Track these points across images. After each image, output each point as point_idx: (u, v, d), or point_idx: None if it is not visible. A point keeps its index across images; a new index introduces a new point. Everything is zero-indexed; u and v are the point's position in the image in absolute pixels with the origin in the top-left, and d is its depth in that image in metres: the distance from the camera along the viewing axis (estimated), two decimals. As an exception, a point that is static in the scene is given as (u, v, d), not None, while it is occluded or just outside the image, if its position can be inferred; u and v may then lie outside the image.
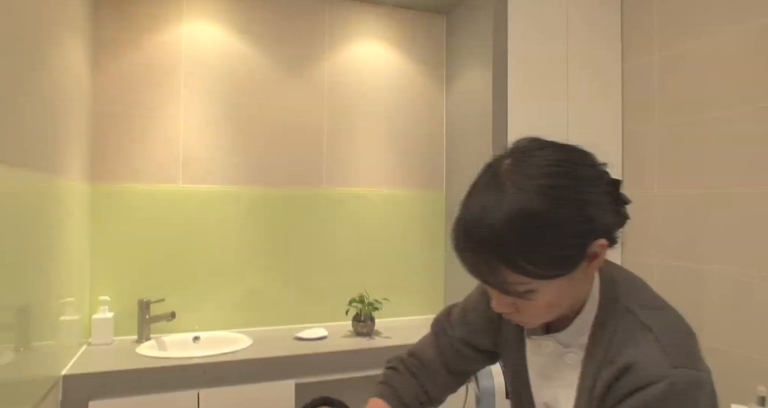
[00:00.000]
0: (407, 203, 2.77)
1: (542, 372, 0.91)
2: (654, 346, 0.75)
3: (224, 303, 2.42)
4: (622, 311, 0.81)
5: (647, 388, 0.73)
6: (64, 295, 1.80)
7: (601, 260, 0.76)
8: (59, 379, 1.72)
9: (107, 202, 2.24)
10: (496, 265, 0.72)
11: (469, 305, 1.06)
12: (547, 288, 0.74)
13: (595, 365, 0.81)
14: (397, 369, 1.07)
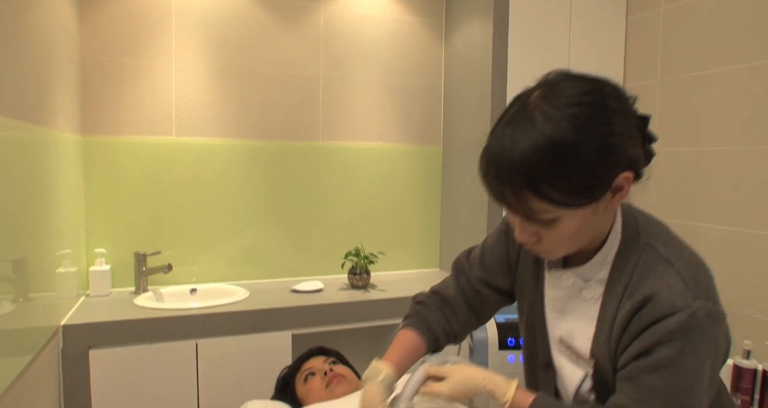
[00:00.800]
0: (404, 158, 2.75)
1: (559, 307, 0.94)
2: (675, 277, 0.78)
3: (221, 256, 2.43)
4: (643, 246, 0.84)
5: (668, 318, 0.76)
6: (60, 247, 1.80)
7: (626, 194, 0.77)
8: (59, 329, 1.74)
9: (100, 154, 2.21)
10: (522, 192, 0.73)
11: (487, 247, 1.09)
12: (571, 217, 0.75)
13: (616, 298, 0.83)
14: (425, 304, 1.12)
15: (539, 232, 0.79)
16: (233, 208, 2.44)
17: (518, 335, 1.67)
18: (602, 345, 0.85)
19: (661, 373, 0.77)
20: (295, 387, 1.59)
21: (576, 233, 0.78)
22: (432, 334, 1.08)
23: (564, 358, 0.92)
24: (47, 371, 1.62)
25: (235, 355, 1.98)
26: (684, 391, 0.76)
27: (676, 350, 0.75)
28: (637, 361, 0.79)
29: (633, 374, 0.79)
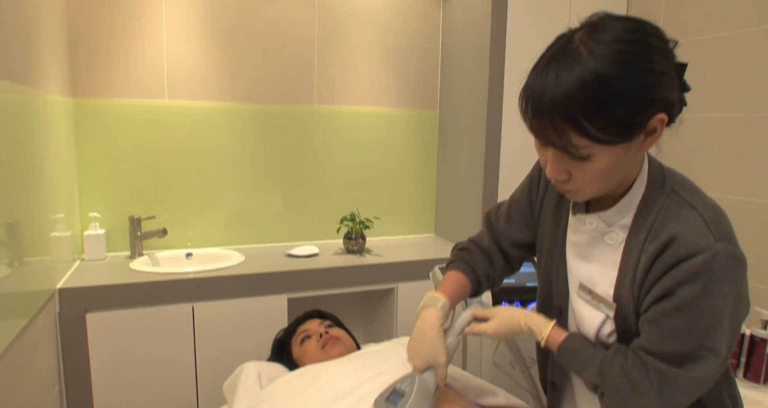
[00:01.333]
0: (400, 123, 2.72)
1: (580, 252, 0.96)
2: (699, 221, 0.81)
3: (216, 221, 2.43)
4: (668, 192, 0.86)
5: (691, 259, 0.78)
6: (54, 211, 1.79)
7: (658, 137, 0.80)
8: (55, 293, 1.75)
9: (91, 117, 2.17)
10: (563, 127, 0.75)
11: (513, 202, 1.16)
12: (605, 155, 0.78)
13: (640, 242, 0.86)
14: (468, 249, 1.18)
15: (571, 169, 0.81)
16: (228, 173, 2.42)
17: (512, 298, 1.69)
18: (625, 289, 0.87)
19: (683, 314, 0.79)
20: (291, 349, 1.62)
21: (607, 172, 0.80)
22: (476, 277, 1.14)
23: (583, 302, 0.95)
24: (45, 334, 1.63)
25: (232, 319, 2.00)
26: (704, 331, 0.79)
27: (698, 290, 0.78)
28: (660, 303, 0.82)
29: (655, 317, 0.82)
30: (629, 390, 0.84)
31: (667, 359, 0.81)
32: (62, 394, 1.79)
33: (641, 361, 0.84)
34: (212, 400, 1.97)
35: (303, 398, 1.19)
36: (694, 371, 0.80)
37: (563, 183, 0.85)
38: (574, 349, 0.93)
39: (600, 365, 0.88)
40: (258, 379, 1.44)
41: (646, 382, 0.82)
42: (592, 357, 0.90)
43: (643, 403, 0.83)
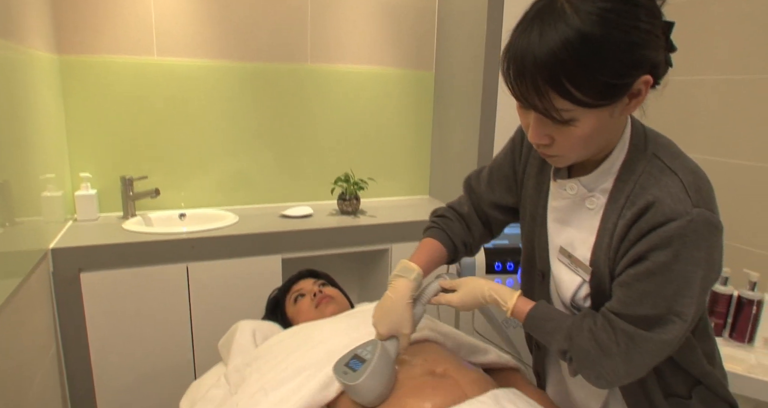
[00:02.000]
0: (395, 82, 2.67)
1: (561, 217, 0.97)
2: (678, 186, 0.80)
3: (209, 181, 2.41)
4: (649, 157, 0.86)
5: (666, 225, 0.78)
6: (43, 171, 1.76)
7: (642, 99, 0.78)
8: (48, 252, 1.74)
9: (78, 74, 2.11)
10: (545, 89, 0.73)
11: (494, 166, 1.15)
12: (588, 118, 0.76)
13: (618, 207, 0.86)
14: (445, 216, 1.18)
15: (553, 133, 0.80)
16: (221, 132, 2.38)
17: (505, 260, 1.71)
18: (602, 254, 0.88)
19: (654, 278, 0.80)
20: (285, 308, 1.63)
21: (589, 136, 0.79)
22: (452, 244, 1.15)
23: (563, 266, 0.96)
24: (39, 293, 1.64)
25: (226, 279, 2.01)
26: (673, 296, 0.80)
27: (670, 256, 0.78)
28: (633, 267, 0.82)
29: (627, 280, 0.83)
30: (597, 352, 0.85)
31: (635, 322, 0.82)
32: (59, 353, 1.81)
33: (610, 323, 0.85)
34: (208, 357, 2.00)
35: (297, 355, 1.20)
36: (661, 334, 0.81)
37: (545, 147, 0.84)
38: (542, 317, 0.94)
39: (569, 330, 0.89)
40: (253, 337, 1.46)
41: (614, 344, 0.84)
42: (561, 323, 0.91)
43: (610, 365, 0.85)
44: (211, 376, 1.44)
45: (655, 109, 0.89)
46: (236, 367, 1.31)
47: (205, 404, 1.26)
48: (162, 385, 1.98)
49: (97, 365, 1.87)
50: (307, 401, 1.06)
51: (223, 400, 1.22)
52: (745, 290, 1.56)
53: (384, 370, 1.01)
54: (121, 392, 1.93)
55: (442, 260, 1.14)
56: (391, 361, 1.03)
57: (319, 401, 1.08)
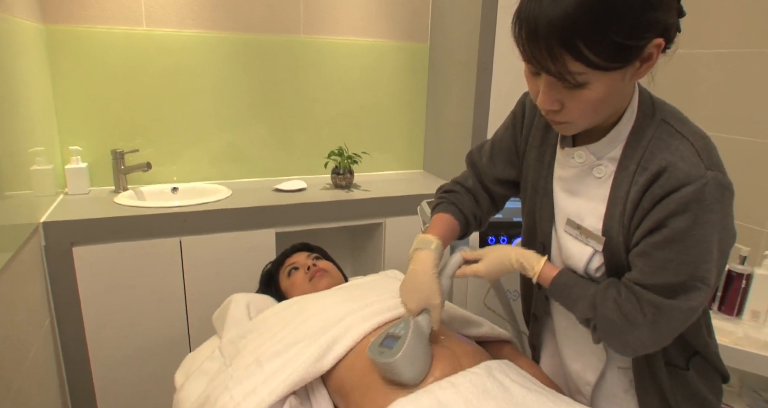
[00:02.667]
0: (389, 55, 2.63)
1: (568, 187, 0.95)
2: (689, 149, 0.80)
3: (201, 155, 2.39)
4: (658, 123, 0.85)
5: (682, 189, 0.78)
6: (32, 144, 1.73)
7: (653, 63, 0.77)
8: (39, 226, 1.73)
9: (65, 44, 2.06)
10: (559, 51, 0.72)
11: (496, 140, 1.13)
12: (600, 81, 0.75)
13: (629, 174, 0.85)
14: (454, 190, 1.16)
15: (564, 98, 0.79)
16: (213, 105, 2.35)
17: (499, 234, 1.71)
18: (614, 223, 0.87)
19: (674, 245, 0.80)
20: (279, 281, 1.64)
21: (601, 100, 0.78)
22: (464, 217, 1.13)
23: (571, 238, 0.95)
24: (32, 267, 1.63)
25: (220, 253, 2.01)
26: (695, 261, 0.80)
27: (689, 221, 0.78)
28: (651, 236, 0.82)
29: (646, 250, 0.83)
30: (623, 322, 0.85)
31: (659, 291, 0.82)
32: (54, 326, 1.81)
33: (634, 294, 0.85)
34: (203, 330, 2.01)
35: (291, 328, 1.21)
36: (687, 301, 0.81)
37: (554, 114, 0.82)
38: (566, 284, 0.93)
39: (593, 299, 0.89)
40: (247, 309, 1.46)
41: (639, 314, 0.84)
42: (585, 291, 0.91)
43: (635, 334, 0.85)
44: (206, 349, 1.45)
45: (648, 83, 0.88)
46: (231, 339, 1.32)
47: (199, 376, 1.27)
48: (157, 358, 2.00)
49: (91, 338, 1.88)
50: (301, 373, 1.07)
51: (218, 372, 1.22)
52: (735, 264, 1.57)
53: (418, 344, 0.97)
54: (116, 365, 1.94)
55: (455, 234, 1.12)
56: (425, 336, 1.00)
57: (314, 373, 1.09)
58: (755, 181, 1.83)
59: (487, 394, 0.93)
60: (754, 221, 1.84)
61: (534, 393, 0.96)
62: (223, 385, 1.12)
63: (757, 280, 1.55)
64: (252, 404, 1.04)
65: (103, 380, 1.94)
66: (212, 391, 1.12)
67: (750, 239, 1.81)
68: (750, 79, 1.86)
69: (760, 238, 1.82)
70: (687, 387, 0.97)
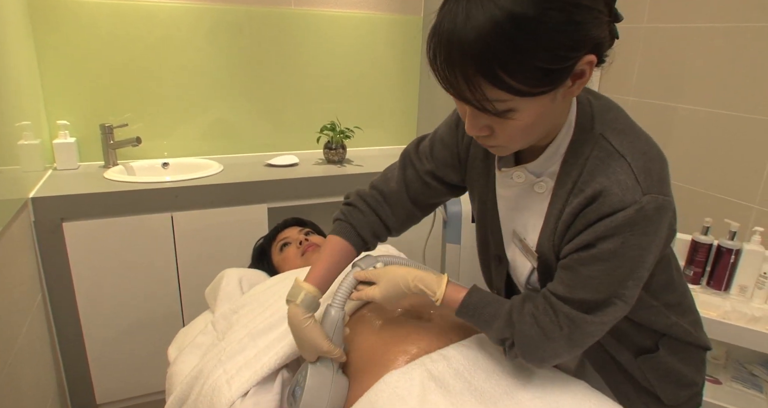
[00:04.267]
0: (382, 27, 2.59)
1: (512, 205, 0.92)
2: (627, 172, 0.75)
3: (192, 130, 2.36)
4: (596, 138, 0.80)
5: (615, 214, 0.75)
6: (18, 118, 1.70)
7: (587, 80, 0.71)
8: (28, 201, 1.71)
9: (49, 15, 2.01)
10: (476, 79, 0.65)
11: (436, 139, 1.03)
12: (528, 107, 0.69)
13: (565, 193, 0.82)
14: (354, 205, 1.07)
15: (492, 124, 0.73)
16: (203, 79, 2.31)
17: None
18: (547, 238, 0.86)
19: (600, 264, 0.78)
20: (271, 256, 1.64)
21: (532, 125, 0.72)
22: (359, 238, 1.05)
23: (517, 250, 0.94)
24: (21, 243, 1.62)
25: (212, 228, 2.00)
26: (618, 281, 0.79)
27: (617, 243, 0.76)
28: (578, 252, 0.80)
29: (571, 264, 0.81)
30: (540, 337, 0.84)
31: (577, 306, 0.81)
32: (46, 302, 1.81)
33: (551, 306, 0.83)
34: (196, 305, 2.02)
35: (284, 301, 1.21)
36: (602, 317, 0.81)
37: (485, 138, 0.77)
38: (478, 304, 0.89)
39: (508, 316, 0.87)
40: (239, 284, 1.47)
41: (556, 328, 0.82)
42: (499, 309, 0.88)
43: (552, 348, 0.84)
44: (199, 324, 1.46)
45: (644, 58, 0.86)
46: (223, 314, 1.33)
47: (192, 350, 1.28)
48: (150, 333, 2.00)
49: (84, 314, 1.88)
50: (293, 346, 1.08)
51: (211, 346, 1.23)
52: (724, 240, 1.59)
53: (320, 387, 0.96)
54: (109, 340, 1.95)
55: (349, 259, 1.04)
56: (329, 377, 0.97)
57: (306, 346, 1.10)
58: (744, 157, 1.83)
59: (478, 366, 0.95)
60: (743, 197, 1.85)
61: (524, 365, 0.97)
62: (216, 358, 1.13)
63: (746, 255, 1.56)
64: (244, 377, 1.05)
65: (97, 355, 1.95)
66: (205, 365, 1.13)
67: (739, 215, 1.82)
68: (742, 54, 1.85)
69: (750, 214, 1.83)
70: (659, 368, 0.97)
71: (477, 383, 0.91)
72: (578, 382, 0.96)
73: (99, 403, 2.01)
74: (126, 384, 2.03)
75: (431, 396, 0.88)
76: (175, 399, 1.14)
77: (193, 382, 1.13)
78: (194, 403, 1.09)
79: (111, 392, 2.02)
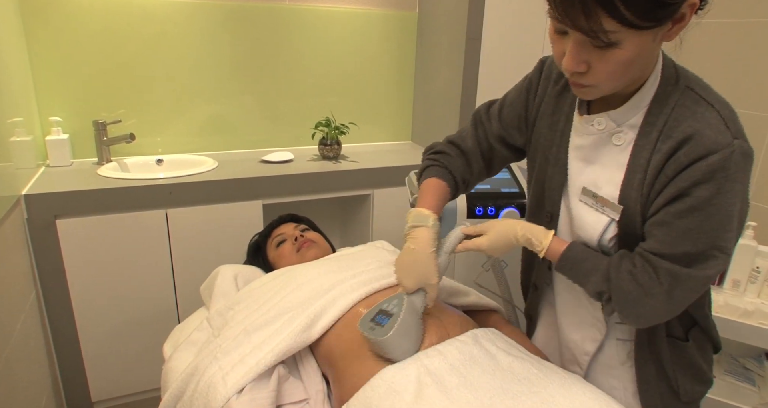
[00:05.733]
0: (377, 23, 2.58)
1: (584, 156, 0.93)
2: (715, 116, 0.79)
3: (186, 126, 2.35)
4: (682, 89, 0.83)
5: (708, 158, 0.77)
6: (10, 115, 1.69)
7: (685, 25, 0.75)
8: (21, 198, 1.70)
9: (41, 10, 1.99)
10: (593, 7, 0.69)
11: (506, 102, 1.09)
12: (633, 41, 0.72)
13: (650, 142, 0.84)
14: (445, 153, 1.13)
15: (592, 60, 0.76)
16: (197, 75, 2.30)
17: (486, 204, 1.71)
18: (632, 191, 0.86)
19: (696, 214, 0.79)
20: (267, 252, 1.63)
21: (630, 62, 0.75)
22: (454, 181, 1.11)
23: (586, 207, 0.93)
24: (14, 240, 1.61)
25: (207, 224, 2.00)
26: (715, 231, 0.79)
27: (713, 190, 0.77)
28: (672, 204, 0.81)
29: (666, 219, 0.81)
30: (639, 293, 0.84)
31: (678, 260, 0.81)
32: (40, 299, 1.80)
33: (650, 264, 0.84)
34: (191, 302, 2.01)
35: (279, 298, 1.21)
36: (705, 270, 0.81)
37: (579, 76, 0.79)
38: (577, 258, 0.91)
39: (606, 272, 0.88)
40: (234, 281, 1.46)
41: (656, 284, 0.83)
42: (597, 264, 0.89)
43: (651, 304, 0.84)
44: (194, 320, 1.45)
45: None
46: (219, 310, 1.32)
47: (188, 347, 1.28)
48: (145, 330, 2.00)
49: (79, 311, 1.88)
50: (289, 343, 1.08)
51: (206, 342, 1.23)
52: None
53: (411, 322, 0.97)
54: (104, 337, 1.94)
55: (447, 200, 1.09)
56: (419, 314, 0.99)
57: (302, 342, 1.10)
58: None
59: (473, 362, 0.95)
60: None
61: (520, 360, 0.98)
62: (211, 355, 1.12)
63: (739, 250, 1.57)
64: (240, 374, 1.04)
65: (91, 352, 1.94)
66: (200, 362, 1.13)
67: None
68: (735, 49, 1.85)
69: (744, 208, 1.84)
70: (685, 357, 0.98)
71: (473, 378, 0.92)
72: (573, 377, 0.96)
73: (94, 400, 2.01)
74: (121, 381, 2.03)
75: (427, 391, 0.88)
76: (171, 396, 1.14)
77: (188, 379, 1.12)
78: (190, 400, 1.08)
79: (106, 390, 2.01)
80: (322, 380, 1.13)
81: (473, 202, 1.71)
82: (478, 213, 1.67)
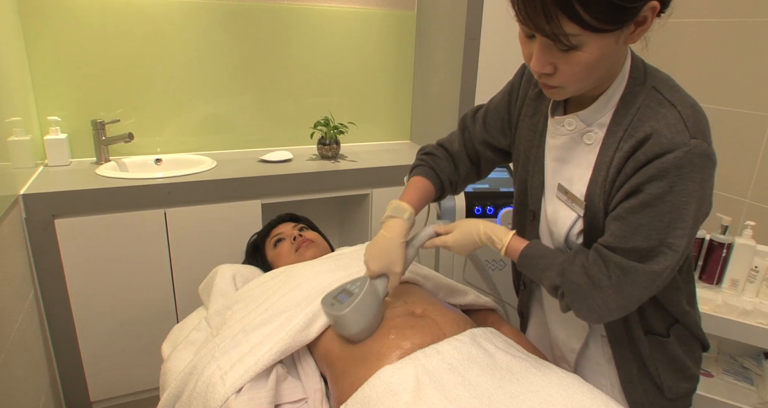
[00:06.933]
0: (376, 23, 2.58)
1: (559, 156, 0.96)
2: (676, 118, 0.80)
3: (185, 126, 2.34)
4: (648, 90, 0.85)
5: (664, 156, 0.78)
6: (8, 114, 1.69)
7: (647, 28, 0.77)
8: (19, 198, 1.70)
9: (39, 9, 1.98)
10: (553, 11, 0.71)
11: (491, 106, 1.14)
12: (594, 44, 0.75)
13: (615, 140, 0.86)
14: (433, 154, 1.18)
15: (557, 62, 0.78)
16: (196, 75, 2.30)
17: (485, 204, 1.71)
18: (597, 187, 0.88)
19: (647, 211, 0.81)
20: (265, 252, 1.63)
21: (594, 64, 0.77)
22: (439, 181, 1.16)
23: (560, 203, 0.96)
24: (13, 239, 1.61)
25: (205, 224, 1.99)
26: (666, 228, 0.81)
27: (665, 187, 0.79)
28: (627, 200, 0.83)
29: (621, 213, 0.84)
30: (588, 286, 0.87)
31: (628, 254, 0.84)
32: (38, 299, 1.80)
33: (602, 258, 0.86)
34: (190, 301, 2.01)
35: (277, 297, 1.21)
36: (653, 266, 0.83)
37: (547, 78, 0.82)
38: (534, 255, 0.95)
39: (561, 266, 0.91)
40: (233, 280, 1.46)
41: (605, 277, 0.85)
42: (553, 260, 0.93)
43: (601, 298, 0.86)
44: (193, 320, 1.45)
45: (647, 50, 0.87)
46: (217, 310, 1.32)
47: (186, 347, 1.28)
48: (144, 329, 2.00)
49: (77, 311, 1.87)
50: (287, 342, 1.08)
51: (205, 342, 1.23)
52: (716, 233, 1.60)
53: (370, 304, 1.02)
54: (103, 336, 1.94)
55: (430, 198, 1.15)
56: (379, 298, 1.05)
57: (300, 341, 1.10)
58: (736, 152, 1.84)
59: (471, 361, 0.95)
60: (735, 192, 1.86)
61: (518, 359, 0.98)
62: (210, 355, 1.12)
63: (737, 249, 1.57)
64: (238, 373, 1.04)
65: (90, 352, 1.94)
66: (199, 361, 1.13)
67: (731, 209, 1.83)
68: (734, 49, 1.85)
69: (741, 208, 1.84)
70: (666, 353, 0.99)
71: (471, 378, 0.92)
72: (572, 376, 0.96)
73: (93, 400, 2.01)
74: (120, 381, 2.03)
75: (425, 391, 0.88)
76: (169, 395, 1.14)
77: (187, 378, 1.12)
78: (188, 399, 1.08)
79: (105, 389, 2.01)
80: (320, 380, 1.13)
81: (472, 201, 1.71)
82: (477, 212, 1.68)
